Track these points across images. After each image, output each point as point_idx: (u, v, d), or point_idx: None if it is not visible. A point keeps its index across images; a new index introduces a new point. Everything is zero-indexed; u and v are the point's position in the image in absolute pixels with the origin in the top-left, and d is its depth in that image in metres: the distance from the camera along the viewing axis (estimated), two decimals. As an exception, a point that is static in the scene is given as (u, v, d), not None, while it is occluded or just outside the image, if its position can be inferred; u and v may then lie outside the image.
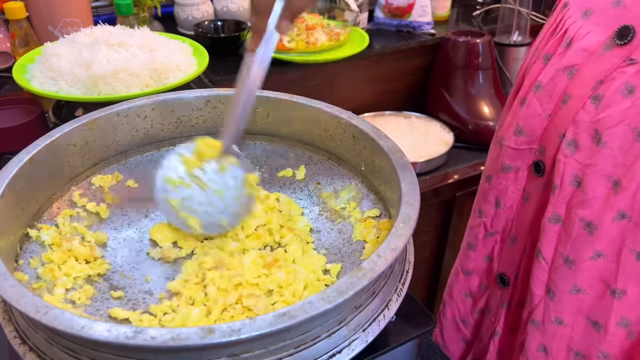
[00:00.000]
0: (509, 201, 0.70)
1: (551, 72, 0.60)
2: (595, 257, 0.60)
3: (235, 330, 0.35)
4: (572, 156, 0.58)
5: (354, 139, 0.59)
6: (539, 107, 0.62)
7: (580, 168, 0.58)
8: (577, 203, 0.59)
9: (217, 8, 1.33)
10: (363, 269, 0.39)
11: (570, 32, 0.59)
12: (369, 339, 0.43)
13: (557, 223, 0.62)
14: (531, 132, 0.64)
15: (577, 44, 0.58)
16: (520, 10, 1.35)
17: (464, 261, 0.80)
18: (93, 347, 0.38)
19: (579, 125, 0.57)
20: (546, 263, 0.64)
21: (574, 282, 0.62)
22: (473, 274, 0.79)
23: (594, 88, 0.56)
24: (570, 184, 0.60)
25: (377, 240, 0.53)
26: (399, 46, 1.32)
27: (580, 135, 0.57)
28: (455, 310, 0.83)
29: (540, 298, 0.65)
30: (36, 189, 0.53)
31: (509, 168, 0.68)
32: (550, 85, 0.61)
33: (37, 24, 0.99)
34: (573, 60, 0.58)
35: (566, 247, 0.61)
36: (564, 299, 0.64)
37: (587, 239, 0.60)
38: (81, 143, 0.58)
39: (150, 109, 0.63)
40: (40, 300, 0.37)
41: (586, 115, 0.57)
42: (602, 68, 0.55)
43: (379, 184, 0.57)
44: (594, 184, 0.57)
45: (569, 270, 0.62)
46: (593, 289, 0.62)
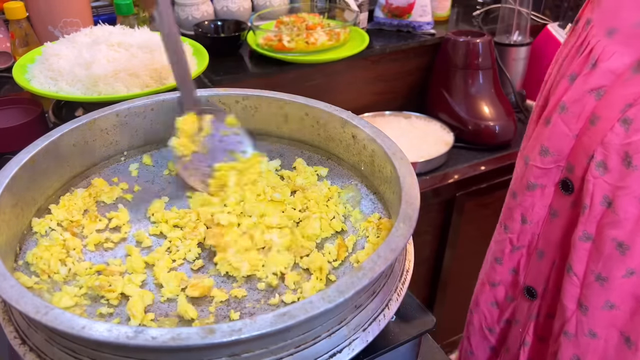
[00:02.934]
0: (535, 217, 0.70)
1: (577, 94, 0.60)
2: (628, 275, 0.60)
3: (236, 330, 0.35)
4: (602, 177, 0.58)
5: (353, 138, 0.59)
6: (565, 127, 0.62)
7: (611, 190, 0.58)
8: (608, 223, 0.59)
9: (217, 8, 1.33)
10: (363, 268, 0.39)
11: (596, 52, 0.58)
12: (369, 339, 0.43)
13: (588, 241, 0.62)
14: (558, 152, 0.64)
15: (604, 64, 0.57)
16: (520, 10, 1.35)
17: (490, 274, 0.80)
18: (93, 347, 0.38)
19: (608, 147, 0.57)
20: (577, 279, 0.64)
21: (606, 299, 0.63)
22: (499, 286, 0.79)
23: (622, 111, 0.55)
24: (601, 204, 0.60)
25: (377, 240, 0.53)
26: (399, 46, 1.32)
27: (610, 157, 0.57)
28: (482, 319, 0.84)
29: (573, 312, 0.66)
30: (36, 189, 0.53)
31: (535, 186, 0.68)
32: (576, 106, 0.60)
33: (37, 24, 0.99)
34: (600, 82, 0.58)
35: (598, 265, 0.62)
36: (596, 314, 0.64)
37: (619, 259, 0.60)
38: (81, 143, 0.58)
39: (150, 109, 0.63)
40: (40, 301, 0.37)
41: (615, 137, 0.56)
42: (631, 91, 0.55)
43: (379, 184, 0.57)
44: (625, 205, 0.58)
45: (601, 287, 0.62)
46: (626, 305, 0.62)
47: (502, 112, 1.27)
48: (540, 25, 1.45)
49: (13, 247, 0.49)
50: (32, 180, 0.52)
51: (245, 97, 0.64)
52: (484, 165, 1.22)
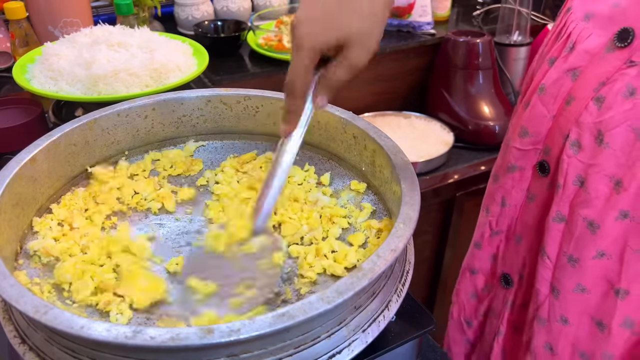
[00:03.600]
0: (513, 200, 0.70)
1: (555, 75, 0.61)
2: (599, 256, 0.60)
3: (235, 330, 0.35)
4: (576, 156, 0.59)
5: (354, 139, 0.59)
6: (543, 108, 0.63)
7: (584, 168, 0.59)
8: (580, 202, 0.60)
9: (217, 8, 1.32)
10: (363, 269, 0.39)
11: (574, 36, 0.60)
12: (368, 340, 0.43)
13: (561, 222, 0.62)
14: (536, 133, 0.65)
15: (580, 46, 0.58)
16: (520, 10, 1.35)
17: (471, 260, 0.80)
18: (92, 347, 0.38)
19: (582, 126, 0.58)
20: (550, 261, 0.64)
21: (578, 281, 0.63)
22: (479, 273, 0.79)
23: (596, 90, 0.56)
24: (574, 184, 0.60)
25: (377, 241, 0.53)
26: (399, 46, 1.32)
27: (584, 135, 0.58)
28: (461, 310, 0.84)
29: (545, 296, 0.66)
30: (36, 188, 0.53)
31: (514, 168, 0.69)
32: (554, 87, 0.61)
33: (37, 24, 0.99)
34: (576, 63, 0.59)
35: (570, 246, 0.62)
36: (568, 298, 0.64)
37: (590, 238, 0.60)
38: (82, 143, 0.58)
39: (151, 108, 0.63)
40: (40, 300, 0.37)
41: (589, 116, 0.57)
42: (604, 70, 0.56)
43: (379, 184, 0.57)
44: (596, 183, 0.58)
45: (573, 269, 0.62)
46: (597, 288, 0.62)
47: (502, 112, 1.27)
48: (540, 25, 1.45)
49: (14, 247, 0.49)
50: (32, 179, 0.52)
51: (247, 97, 0.64)
52: (484, 165, 1.22)
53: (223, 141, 0.67)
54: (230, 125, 0.66)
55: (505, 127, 1.24)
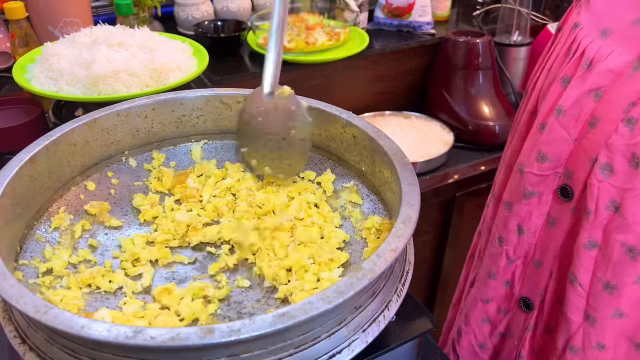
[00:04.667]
0: (532, 227, 0.68)
1: (574, 96, 0.59)
2: (639, 281, 0.59)
3: (235, 330, 0.35)
4: (607, 180, 0.57)
5: (354, 139, 0.59)
6: (563, 131, 0.60)
7: (618, 192, 0.57)
8: (616, 228, 0.58)
9: (217, 8, 1.33)
10: (363, 269, 0.39)
11: (589, 53, 0.57)
12: (368, 340, 0.43)
13: (594, 249, 0.60)
14: (556, 157, 0.62)
15: (601, 65, 0.56)
16: (520, 10, 1.35)
17: (484, 290, 0.78)
18: (93, 347, 0.38)
19: (612, 149, 0.56)
20: (583, 289, 0.62)
21: (616, 307, 0.61)
22: (492, 302, 0.77)
23: (626, 110, 0.54)
24: (607, 209, 0.58)
25: (377, 241, 0.53)
26: (399, 46, 1.32)
27: (616, 159, 0.56)
28: (472, 338, 0.81)
29: (579, 325, 0.64)
30: (36, 188, 0.53)
31: (532, 194, 0.66)
32: (574, 109, 0.59)
33: (37, 24, 0.99)
34: (598, 83, 0.56)
35: (606, 273, 0.60)
36: (605, 325, 0.62)
37: (629, 264, 0.58)
38: (81, 143, 0.58)
39: (151, 108, 0.63)
40: (40, 300, 0.37)
41: (620, 138, 0.55)
42: (634, 90, 0.53)
43: (379, 184, 0.57)
44: (633, 208, 0.56)
45: (610, 295, 0.61)
46: (636, 312, 0.61)
47: (502, 112, 1.27)
48: (540, 25, 1.45)
49: (14, 247, 0.49)
50: (32, 179, 0.52)
51: (247, 97, 0.64)
52: (484, 165, 1.22)
53: (223, 141, 0.67)
54: (230, 125, 0.66)
55: (506, 127, 1.25)
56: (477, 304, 0.79)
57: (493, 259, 0.75)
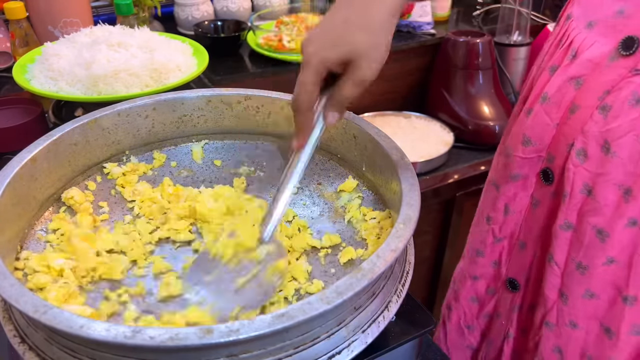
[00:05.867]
0: (517, 207, 0.70)
1: (558, 83, 0.61)
2: (608, 263, 0.60)
3: (234, 330, 0.35)
4: (582, 165, 0.59)
5: (354, 139, 0.59)
6: (546, 117, 0.63)
7: (591, 177, 0.59)
8: (589, 211, 0.60)
9: (217, 8, 1.33)
10: (362, 269, 0.39)
11: (576, 44, 0.59)
12: (368, 340, 0.43)
13: (569, 230, 0.62)
14: (539, 141, 0.64)
15: (583, 55, 0.58)
16: (520, 10, 1.35)
17: (472, 267, 0.80)
18: (92, 347, 0.38)
19: (587, 135, 0.58)
20: (559, 268, 0.65)
21: (586, 287, 0.63)
22: (480, 279, 0.79)
23: (601, 98, 0.56)
24: (581, 192, 0.60)
25: (377, 241, 0.53)
26: (399, 46, 1.32)
27: (590, 144, 0.58)
28: (462, 315, 0.83)
29: (554, 301, 0.66)
30: (37, 188, 0.53)
31: (518, 176, 0.68)
32: (557, 95, 0.61)
33: (37, 24, 0.99)
34: (579, 71, 0.59)
35: (579, 254, 0.62)
36: (577, 304, 0.64)
37: (599, 246, 0.60)
38: (82, 143, 0.58)
39: (152, 108, 0.63)
40: (40, 300, 0.37)
41: (595, 125, 0.57)
42: (609, 79, 0.55)
43: (379, 184, 0.57)
44: (604, 192, 0.58)
45: (582, 275, 0.63)
46: (605, 294, 0.62)
47: (502, 112, 1.27)
48: (540, 25, 1.45)
49: (14, 246, 0.49)
50: (33, 179, 0.52)
51: (247, 97, 0.64)
52: (484, 165, 1.22)
53: (224, 141, 0.67)
54: (231, 125, 0.66)
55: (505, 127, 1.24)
56: (466, 281, 0.81)
57: (480, 236, 0.77)
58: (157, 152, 0.65)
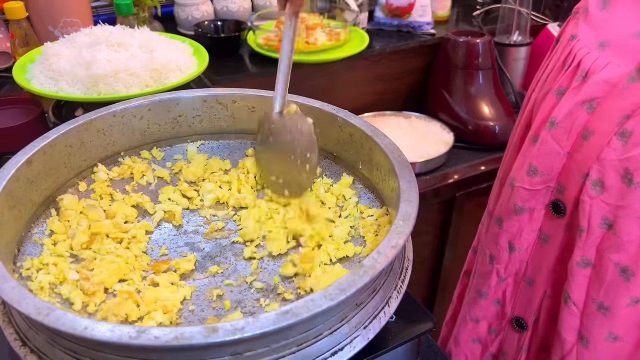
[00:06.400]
0: (524, 244, 0.66)
1: (567, 107, 0.56)
2: (633, 303, 0.56)
3: (239, 328, 0.35)
4: (599, 197, 0.55)
5: (351, 137, 0.59)
6: (555, 144, 0.58)
7: (611, 210, 0.54)
8: (610, 247, 0.55)
9: (217, 8, 1.33)
10: (364, 266, 0.39)
11: (585, 64, 0.55)
12: (369, 337, 0.43)
13: (587, 267, 0.58)
14: (548, 171, 0.60)
15: (596, 75, 0.54)
16: (520, 10, 1.35)
17: (473, 310, 0.75)
18: (95, 348, 0.38)
19: (604, 163, 0.53)
20: (577, 309, 0.60)
21: (609, 330, 0.59)
22: (482, 321, 0.75)
23: (620, 123, 0.52)
24: (600, 227, 0.56)
25: (375, 238, 0.53)
26: (399, 46, 1.32)
27: (608, 174, 0.53)
28: (462, 358, 0.79)
29: (572, 345, 0.62)
30: (33, 190, 0.53)
31: (523, 210, 0.64)
32: (567, 121, 0.57)
33: (37, 24, 0.99)
34: (592, 94, 0.54)
35: (599, 293, 0.58)
36: (599, 347, 0.60)
37: (622, 285, 0.56)
38: (78, 144, 0.58)
39: (147, 109, 0.63)
40: (42, 302, 0.37)
41: (613, 152, 0.53)
42: (629, 102, 0.51)
43: (377, 182, 0.57)
44: (627, 226, 0.54)
45: (604, 317, 0.58)
46: (630, 336, 0.58)
47: (502, 112, 1.27)
48: (540, 25, 1.45)
49: (12, 250, 0.49)
50: (29, 181, 0.52)
51: (243, 96, 0.64)
52: (484, 165, 1.22)
53: (219, 141, 0.67)
54: (227, 125, 0.66)
55: (506, 127, 1.25)
56: (467, 325, 0.77)
57: (483, 278, 0.72)
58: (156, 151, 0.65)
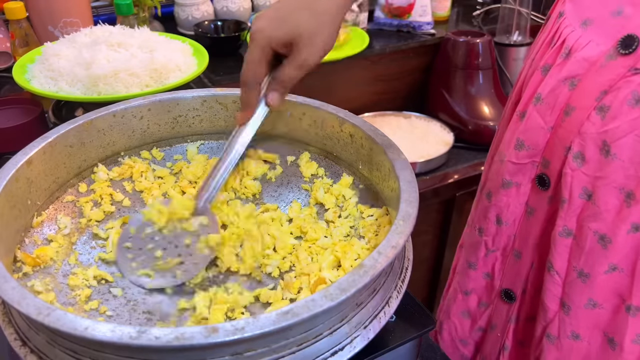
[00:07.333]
0: (511, 217, 0.68)
1: (551, 84, 0.59)
2: (610, 270, 0.58)
3: (239, 328, 0.35)
4: (580, 169, 0.57)
5: (351, 137, 0.59)
6: (540, 119, 0.61)
7: (590, 181, 0.57)
8: (589, 216, 0.58)
9: (217, 8, 1.33)
10: (364, 266, 0.39)
11: (569, 42, 0.57)
12: (370, 336, 0.43)
13: (569, 237, 0.60)
14: (533, 146, 0.62)
15: (578, 53, 0.56)
16: (520, 10, 1.35)
17: (464, 281, 0.77)
18: (96, 348, 0.38)
19: (585, 137, 0.56)
20: (559, 277, 0.62)
21: (589, 296, 0.61)
22: (472, 294, 0.77)
23: (598, 99, 0.54)
24: (580, 197, 0.58)
25: (375, 238, 0.53)
26: (399, 46, 1.32)
27: (588, 147, 0.56)
28: (453, 331, 0.81)
29: (555, 312, 0.64)
30: (33, 191, 0.53)
31: (510, 184, 0.66)
32: (551, 96, 0.59)
33: (37, 24, 0.99)
34: (574, 71, 0.57)
35: (580, 261, 0.60)
36: (579, 314, 0.62)
37: (601, 253, 0.58)
38: (77, 144, 0.58)
39: (147, 109, 0.63)
40: (42, 302, 0.37)
41: (592, 126, 0.55)
42: (606, 78, 0.54)
43: (377, 182, 0.57)
44: (605, 196, 0.56)
45: (584, 284, 0.60)
46: (609, 303, 0.60)
47: (502, 112, 1.27)
48: (540, 25, 1.45)
49: (12, 250, 0.49)
50: (29, 182, 0.52)
51: None
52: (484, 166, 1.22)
53: (219, 141, 0.67)
54: (226, 125, 0.66)
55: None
56: (457, 296, 0.79)
57: (472, 249, 0.75)
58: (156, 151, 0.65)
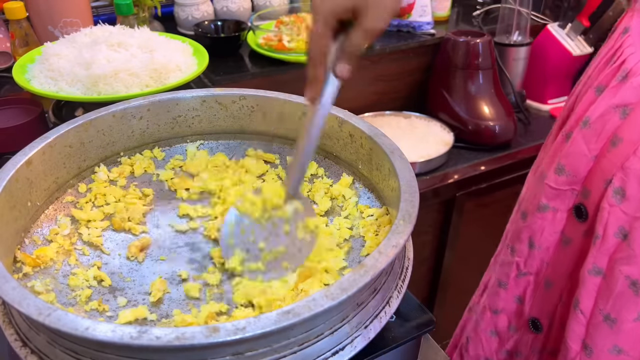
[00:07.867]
0: (544, 243, 0.65)
1: (602, 108, 0.55)
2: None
3: (240, 328, 0.35)
4: (619, 205, 0.54)
5: (350, 137, 0.59)
6: (584, 146, 0.57)
7: (628, 220, 0.53)
8: (622, 258, 0.55)
9: (217, 8, 1.33)
10: (365, 265, 0.39)
11: (628, 64, 0.53)
12: (370, 336, 0.43)
13: (598, 276, 0.57)
14: (574, 173, 0.59)
15: (635, 79, 0.52)
16: (520, 10, 1.35)
17: (493, 299, 0.75)
18: (96, 348, 0.38)
19: (628, 172, 0.52)
20: (584, 317, 0.59)
21: (614, 342, 0.58)
22: (501, 314, 0.74)
23: None
24: (615, 236, 0.55)
25: (375, 238, 0.53)
26: (399, 46, 1.32)
27: (630, 183, 0.52)
28: (479, 349, 0.79)
29: (576, 353, 0.61)
30: (33, 191, 0.53)
31: (547, 208, 0.63)
32: (599, 122, 0.55)
33: (37, 24, 0.99)
34: (627, 98, 0.53)
35: (607, 304, 0.57)
36: (602, 358, 0.59)
37: (631, 299, 0.55)
38: (77, 144, 0.58)
39: (146, 109, 0.63)
40: (43, 302, 0.37)
41: (638, 162, 0.52)
42: None
43: (377, 182, 0.57)
44: None
45: (610, 329, 0.57)
46: (636, 351, 0.57)
47: (502, 112, 1.27)
48: (540, 25, 1.45)
49: (12, 250, 0.49)
50: (29, 182, 0.52)
51: (242, 96, 0.64)
52: (484, 165, 1.22)
53: (218, 141, 0.67)
54: (226, 125, 0.66)
55: (506, 127, 1.25)
56: (486, 314, 0.77)
57: (504, 268, 0.72)
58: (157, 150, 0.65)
